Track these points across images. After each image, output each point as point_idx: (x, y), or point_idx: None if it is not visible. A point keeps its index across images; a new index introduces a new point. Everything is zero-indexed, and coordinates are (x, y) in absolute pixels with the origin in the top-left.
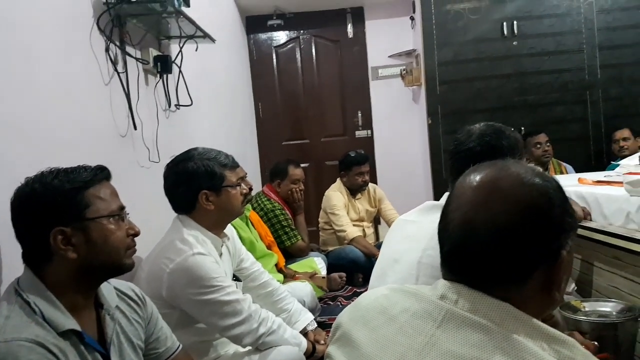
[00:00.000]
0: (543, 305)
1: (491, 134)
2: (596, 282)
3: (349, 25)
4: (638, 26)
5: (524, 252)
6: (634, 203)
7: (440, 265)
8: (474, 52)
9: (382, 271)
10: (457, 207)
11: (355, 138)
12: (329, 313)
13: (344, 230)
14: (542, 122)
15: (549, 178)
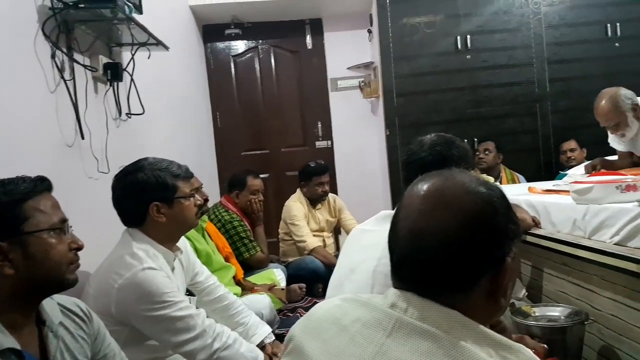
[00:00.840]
0: (490, 312)
1: (442, 144)
2: (546, 287)
3: (308, 36)
4: (584, 42)
5: (469, 259)
6: (580, 210)
7: (390, 274)
8: (429, 65)
9: (339, 281)
10: (405, 216)
11: (316, 148)
12: (288, 325)
13: (304, 241)
14: (495, 134)
15: (493, 187)
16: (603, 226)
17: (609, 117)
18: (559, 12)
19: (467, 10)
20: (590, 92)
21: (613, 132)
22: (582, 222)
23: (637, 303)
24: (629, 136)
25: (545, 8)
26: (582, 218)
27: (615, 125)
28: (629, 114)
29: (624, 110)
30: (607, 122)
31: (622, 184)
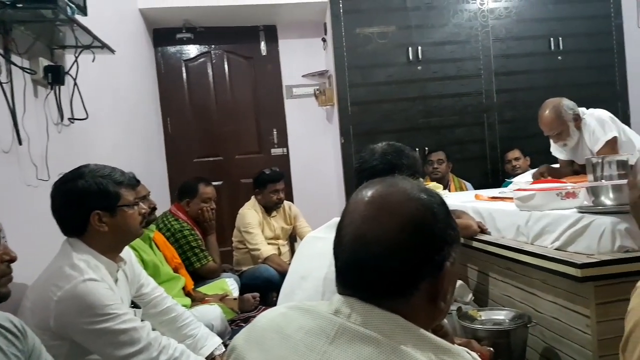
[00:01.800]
0: (431, 316)
1: (392, 152)
2: (492, 291)
3: (262, 42)
4: (529, 54)
5: (410, 264)
6: (523, 217)
7: (335, 280)
8: (382, 75)
9: (290, 289)
10: (349, 222)
11: (271, 156)
12: None
13: (258, 249)
14: (445, 143)
15: (434, 194)
16: (544, 232)
17: (552, 126)
18: (505, 26)
19: (418, 22)
20: (535, 103)
21: (556, 141)
22: (525, 228)
23: (577, 306)
24: (570, 145)
25: (493, 21)
26: (525, 224)
27: (558, 134)
28: (571, 123)
29: (566, 120)
30: (551, 131)
31: (562, 191)
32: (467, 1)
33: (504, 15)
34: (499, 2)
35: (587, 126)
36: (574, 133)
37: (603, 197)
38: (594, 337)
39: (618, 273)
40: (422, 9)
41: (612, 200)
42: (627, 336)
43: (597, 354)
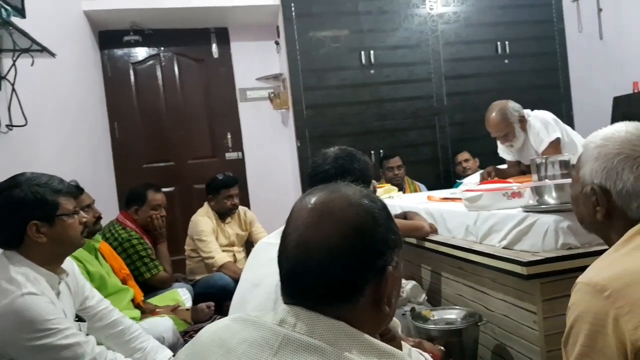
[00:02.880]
0: (376, 320)
1: (344, 157)
2: (444, 291)
3: (214, 45)
4: (478, 58)
5: (352, 269)
6: (472, 217)
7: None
8: (336, 78)
9: (242, 297)
10: (293, 230)
11: (226, 160)
12: None
13: (212, 257)
14: (398, 146)
15: (375, 199)
16: (492, 231)
17: (498, 128)
18: (454, 30)
19: (370, 26)
20: (483, 105)
21: (502, 142)
22: (474, 227)
23: (524, 303)
24: (517, 146)
25: (442, 26)
26: (474, 224)
27: (504, 135)
28: (516, 125)
29: (512, 122)
30: (497, 133)
31: (508, 191)
32: (417, 6)
33: (453, 20)
34: (448, 7)
35: (532, 127)
36: (520, 134)
37: (547, 197)
38: (541, 333)
39: (562, 270)
40: (374, 14)
41: (555, 199)
42: (568, 331)
43: (545, 349)
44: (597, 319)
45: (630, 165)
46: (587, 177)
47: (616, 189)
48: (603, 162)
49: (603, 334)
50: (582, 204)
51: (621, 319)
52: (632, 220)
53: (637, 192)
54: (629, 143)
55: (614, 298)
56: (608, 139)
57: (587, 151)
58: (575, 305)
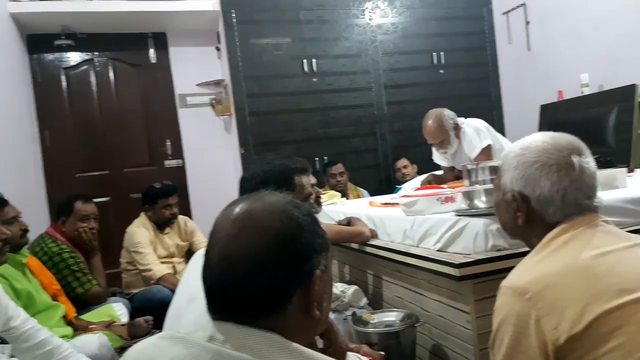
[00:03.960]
0: (308, 327)
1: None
2: (385, 294)
3: (151, 50)
4: (415, 69)
5: (278, 278)
6: (409, 221)
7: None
8: (279, 86)
9: (177, 312)
10: (216, 242)
11: (165, 168)
12: None
13: (150, 269)
14: (342, 153)
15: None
16: (428, 235)
17: (434, 135)
18: (393, 41)
19: (312, 35)
20: (421, 114)
21: (438, 148)
22: (411, 231)
23: (458, 303)
24: (451, 152)
25: (381, 36)
26: (411, 228)
27: (440, 142)
28: (451, 132)
29: (447, 129)
30: (434, 140)
31: (442, 196)
32: (356, 16)
33: (391, 30)
34: (386, 17)
35: (465, 134)
36: (454, 141)
37: (477, 201)
38: (474, 332)
39: (492, 270)
40: (315, 22)
41: (485, 203)
42: (494, 334)
43: (478, 347)
44: (520, 321)
45: (546, 172)
46: (508, 184)
47: (534, 195)
48: (522, 170)
49: (526, 335)
50: (504, 210)
51: (542, 320)
52: (550, 224)
53: (553, 197)
54: (545, 152)
55: (534, 300)
56: (526, 148)
57: (507, 160)
58: (500, 308)
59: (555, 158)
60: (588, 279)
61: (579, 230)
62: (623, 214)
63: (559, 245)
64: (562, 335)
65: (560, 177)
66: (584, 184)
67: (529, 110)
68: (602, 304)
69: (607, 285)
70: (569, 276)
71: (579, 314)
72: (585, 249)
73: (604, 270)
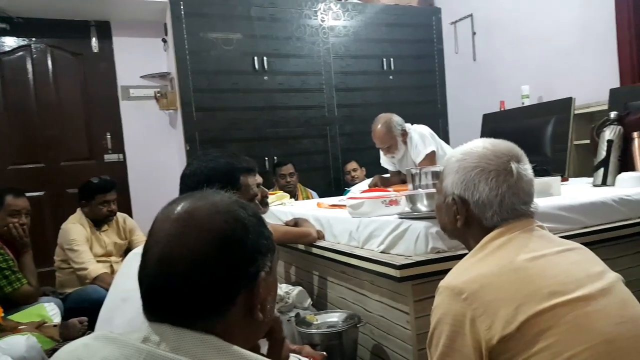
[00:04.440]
0: (251, 330)
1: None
2: (330, 295)
3: (94, 39)
4: (365, 73)
5: (222, 280)
6: (355, 223)
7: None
8: (228, 82)
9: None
10: (155, 243)
11: (105, 162)
12: None
13: (85, 268)
14: (292, 153)
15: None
16: (372, 236)
17: (383, 140)
18: (344, 44)
19: (263, 32)
20: (370, 118)
21: (386, 153)
22: (357, 233)
23: (398, 303)
24: (398, 157)
25: (333, 39)
26: (356, 229)
27: (388, 147)
28: (399, 138)
29: (395, 135)
30: (382, 144)
31: (386, 199)
32: (309, 17)
33: (343, 33)
34: (339, 20)
35: (412, 140)
36: (401, 147)
37: (419, 204)
38: (413, 332)
39: (431, 272)
40: (266, 20)
41: (426, 206)
42: (432, 332)
43: (417, 347)
44: (456, 320)
45: (486, 177)
46: (449, 188)
47: (473, 199)
48: (462, 175)
49: (461, 334)
50: (445, 212)
51: (477, 320)
52: (487, 228)
53: (491, 202)
54: (485, 158)
55: (470, 300)
56: (467, 153)
57: (449, 164)
58: (437, 307)
59: (495, 164)
60: (521, 280)
61: (515, 234)
62: (557, 220)
63: (495, 247)
64: (496, 335)
65: (498, 183)
66: (521, 190)
67: (472, 119)
68: (534, 305)
69: (539, 288)
70: (503, 277)
71: (512, 315)
72: (521, 252)
73: (536, 273)
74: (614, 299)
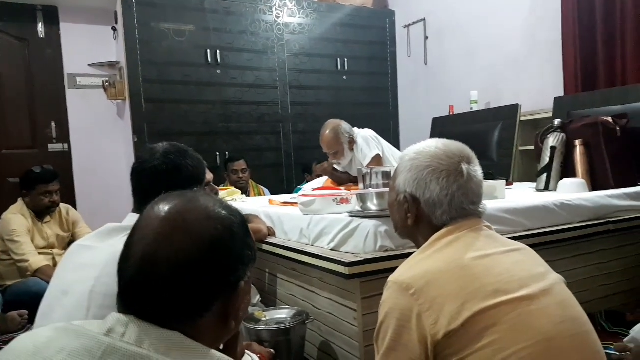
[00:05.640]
0: (220, 334)
1: (175, 152)
2: (279, 291)
3: (40, 24)
4: (319, 72)
5: (202, 287)
6: (306, 220)
7: (116, 298)
8: (179, 74)
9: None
10: (140, 239)
11: (49, 152)
12: None
13: (26, 260)
14: (244, 149)
15: (235, 212)
16: (323, 234)
17: (330, 145)
18: (299, 41)
19: (216, 25)
20: (322, 117)
21: (332, 159)
22: (307, 230)
23: (346, 300)
24: (344, 164)
25: (288, 36)
26: (307, 227)
27: (334, 153)
28: (346, 146)
29: (342, 142)
30: (329, 150)
31: (337, 197)
32: (264, 12)
33: (298, 31)
34: (294, 17)
35: (357, 145)
36: (348, 154)
37: (369, 203)
38: (360, 329)
39: (379, 270)
40: (220, 13)
41: (376, 205)
42: (379, 326)
43: (363, 344)
44: (403, 314)
45: (437, 177)
46: (401, 186)
47: (424, 198)
48: (415, 174)
49: (408, 329)
50: (396, 210)
51: (423, 315)
52: (436, 226)
53: (441, 201)
54: (437, 157)
55: (417, 295)
56: (420, 152)
57: (402, 163)
58: (386, 302)
59: (446, 164)
60: (467, 278)
61: (463, 233)
62: (501, 222)
63: (443, 245)
64: (441, 331)
65: (449, 183)
66: (470, 190)
67: (422, 122)
68: (479, 302)
69: (484, 285)
70: (450, 274)
71: (457, 311)
72: (468, 250)
73: (482, 271)
74: (554, 299)
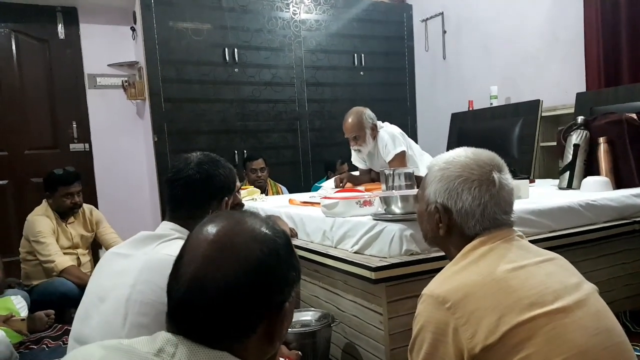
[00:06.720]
0: (264, 353)
1: (209, 162)
2: (302, 293)
3: (60, 25)
4: (335, 68)
5: (249, 308)
6: (329, 222)
7: (165, 317)
8: (197, 73)
9: (86, 313)
10: (189, 261)
11: (70, 152)
12: (32, 359)
13: (52, 261)
14: (261, 147)
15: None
16: (346, 236)
17: (352, 129)
18: (316, 38)
19: (233, 23)
20: (339, 114)
21: (353, 144)
22: (330, 232)
23: (371, 304)
24: (364, 151)
25: (305, 32)
26: (330, 229)
27: (355, 137)
28: (368, 131)
29: (365, 127)
30: (350, 133)
31: (360, 200)
32: (280, 9)
33: (315, 27)
34: (311, 14)
35: (381, 139)
36: (369, 141)
37: (393, 206)
38: (386, 332)
39: (405, 274)
40: (237, 11)
41: (401, 208)
42: (414, 339)
43: (389, 347)
44: (438, 328)
45: (469, 187)
46: (432, 196)
47: (456, 208)
48: (445, 184)
49: (444, 342)
50: (427, 220)
51: (460, 329)
52: (469, 236)
53: (474, 211)
54: (468, 167)
55: (454, 309)
56: (450, 162)
57: (432, 173)
58: (421, 315)
59: (477, 174)
60: (503, 291)
61: (496, 244)
62: (526, 224)
63: (477, 257)
64: (478, 345)
65: (481, 192)
66: (502, 199)
67: (440, 118)
68: (515, 316)
69: (520, 298)
70: (486, 287)
71: (495, 325)
72: (502, 262)
73: (517, 284)
74: (589, 311)
